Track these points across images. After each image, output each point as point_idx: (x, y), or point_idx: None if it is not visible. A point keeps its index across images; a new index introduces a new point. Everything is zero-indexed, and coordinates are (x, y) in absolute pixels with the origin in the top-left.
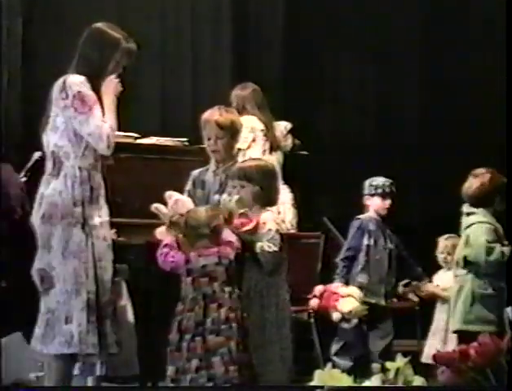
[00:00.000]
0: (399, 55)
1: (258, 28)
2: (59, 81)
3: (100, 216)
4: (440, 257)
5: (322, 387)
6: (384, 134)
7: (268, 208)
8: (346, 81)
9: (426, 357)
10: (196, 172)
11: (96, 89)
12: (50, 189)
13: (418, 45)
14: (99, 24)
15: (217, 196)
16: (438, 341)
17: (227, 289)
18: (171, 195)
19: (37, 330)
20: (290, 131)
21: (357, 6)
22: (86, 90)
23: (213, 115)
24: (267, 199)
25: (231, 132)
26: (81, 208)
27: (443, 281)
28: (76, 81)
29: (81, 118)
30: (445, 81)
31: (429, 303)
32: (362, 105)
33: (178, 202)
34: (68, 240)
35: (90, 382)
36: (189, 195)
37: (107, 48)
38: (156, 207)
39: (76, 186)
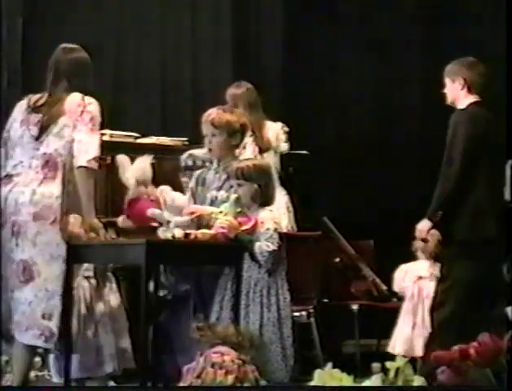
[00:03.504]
0: (399, 55)
1: (258, 29)
2: (77, 97)
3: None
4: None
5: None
6: (384, 134)
7: (266, 207)
8: (346, 80)
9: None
10: (198, 171)
11: None
12: (45, 190)
13: (419, 45)
14: (76, 48)
15: (214, 192)
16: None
17: (236, 361)
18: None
19: (15, 317)
20: (288, 134)
21: (357, 6)
22: (99, 116)
23: (210, 114)
24: (265, 197)
25: (226, 131)
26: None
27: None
28: (94, 105)
29: (82, 128)
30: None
31: None
32: (362, 105)
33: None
34: (59, 244)
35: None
36: (192, 193)
37: (90, 72)
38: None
39: (65, 196)
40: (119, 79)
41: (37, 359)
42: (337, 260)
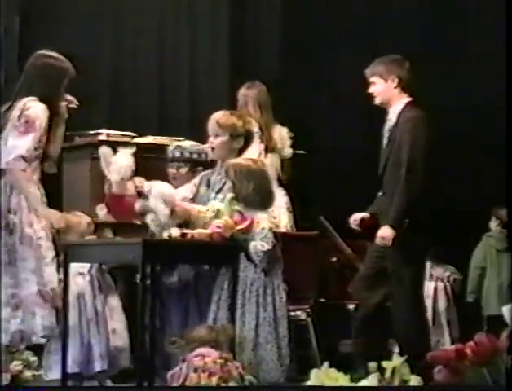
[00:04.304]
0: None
1: (256, 28)
2: (21, 103)
3: (40, 221)
4: None
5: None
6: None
7: (251, 207)
8: (345, 81)
9: None
10: (205, 172)
11: (50, 108)
12: None
13: (418, 45)
14: (48, 54)
15: (213, 194)
16: None
17: (218, 361)
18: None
19: None
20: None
21: (357, 6)
22: (38, 116)
23: (217, 115)
24: (241, 199)
25: (229, 132)
26: (16, 216)
27: None
28: (34, 108)
29: (15, 133)
30: (445, 82)
31: None
32: (361, 105)
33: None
34: None
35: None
36: (197, 189)
37: (57, 78)
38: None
39: (13, 196)
40: (116, 78)
41: (34, 358)
42: (334, 259)
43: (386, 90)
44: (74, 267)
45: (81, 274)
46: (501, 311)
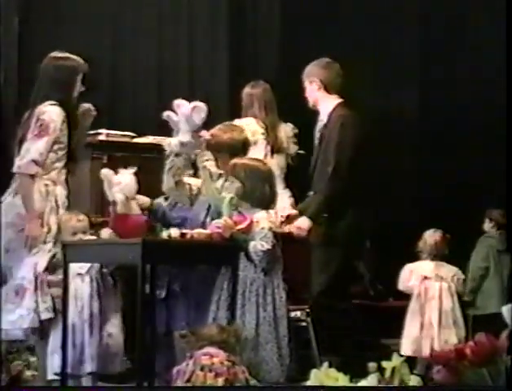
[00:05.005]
0: (398, 54)
1: (256, 28)
2: (37, 111)
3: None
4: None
5: (319, 387)
6: (383, 134)
7: (258, 208)
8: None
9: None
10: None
11: (66, 110)
12: (17, 200)
13: (418, 45)
14: (57, 56)
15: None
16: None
17: (226, 363)
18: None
19: None
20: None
21: (356, 6)
22: (52, 119)
23: (211, 137)
24: (253, 199)
25: (227, 152)
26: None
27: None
28: (48, 113)
29: (29, 136)
30: (445, 82)
31: None
32: (361, 105)
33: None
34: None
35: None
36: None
37: (70, 77)
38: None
39: (40, 200)
40: (116, 78)
41: (34, 359)
42: None
43: (310, 92)
44: (73, 268)
45: (79, 276)
46: (501, 310)
